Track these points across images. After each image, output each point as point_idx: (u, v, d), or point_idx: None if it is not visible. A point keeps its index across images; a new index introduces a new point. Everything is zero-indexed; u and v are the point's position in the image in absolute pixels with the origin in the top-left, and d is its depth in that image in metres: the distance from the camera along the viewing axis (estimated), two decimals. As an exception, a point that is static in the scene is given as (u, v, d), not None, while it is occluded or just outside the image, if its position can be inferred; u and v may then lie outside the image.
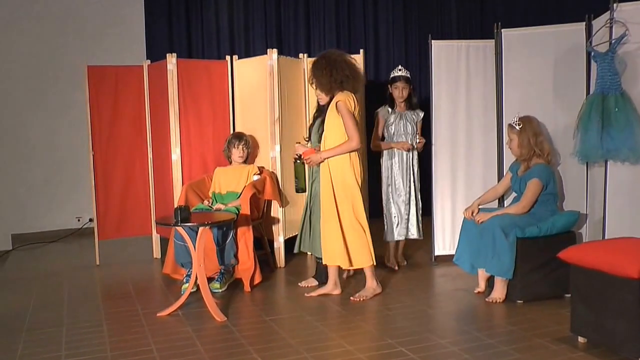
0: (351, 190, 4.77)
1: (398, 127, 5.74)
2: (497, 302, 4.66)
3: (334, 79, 4.73)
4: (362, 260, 4.82)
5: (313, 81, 4.89)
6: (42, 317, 4.63)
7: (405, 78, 5.71)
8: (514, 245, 4.58)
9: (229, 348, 3.89)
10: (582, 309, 3.71)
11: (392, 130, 5.76)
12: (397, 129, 5.74)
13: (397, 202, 5.74)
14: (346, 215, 4.77)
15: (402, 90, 5.69)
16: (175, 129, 6.07)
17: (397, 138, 5.74)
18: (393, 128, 5.75)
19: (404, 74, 5.73)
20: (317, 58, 4.91)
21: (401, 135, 5.73)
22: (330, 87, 4.78)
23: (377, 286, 4.93)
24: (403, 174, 5.72)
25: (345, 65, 4.77)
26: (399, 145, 5.69)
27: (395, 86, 5.70)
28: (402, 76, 5.71)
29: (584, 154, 4.79)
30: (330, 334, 4.12)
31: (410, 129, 5.74)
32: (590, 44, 4.93)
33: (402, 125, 5.74)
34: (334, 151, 4.79)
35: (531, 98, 5.40)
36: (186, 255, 5.13)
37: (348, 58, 4.85)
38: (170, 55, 6.07)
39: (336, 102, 4.74)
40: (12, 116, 7.68)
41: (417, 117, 5.79)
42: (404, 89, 5.69)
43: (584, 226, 5.14)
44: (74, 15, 7.83)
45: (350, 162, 4.77)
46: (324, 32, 8.40)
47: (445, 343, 3.87)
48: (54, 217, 7.84)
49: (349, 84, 4.77)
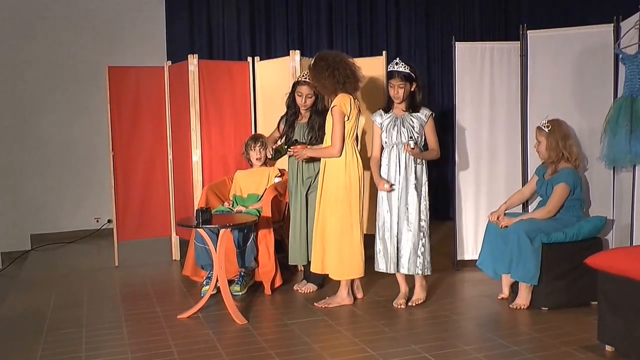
0: (348, 197, 4.69)
1: (390, 134, 4.71)
2: (522, 308, 4.59)
3: (337, 80, 4.64)
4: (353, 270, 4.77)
5: (314, 84, 4.83)
6: (62, 318, 4.62)
7: (404, 75, 4.63)
8: (539, 251, 4.50)
9: (250, 351, 3.85)
10: (610, 316, 3.63)
11: (384, 138, 4.77)
12: (389, 136, 4.72)
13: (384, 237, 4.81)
14: (342, 221, 4.72)
15: (397, 88, 4.65)
16: (196, 130, 6.05)
17: (388, 149, 4.73)
18: (385, 136, 4.75)
19: (400, 68, 4.64)
20: (315, 60, 4.78)
21: (394, 145, 4.72)
22: (335, 89, 4.69)
23: (347, 297, 4.83)
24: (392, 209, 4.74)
25: (345, 65, 4.69)
26: (379, 185, 4.72)
27: (391, 84, 4.70)
28: (398, 72, 4.65)
29: (611, 159, 4.71)
30: (354, 338, 4.07)
31: (406, 138, 4.68)
32: (619, 46, 4.86)
33: (395, 132, 4.70)
34: (316, 153, 4.85)
35: (557, 101, 5.32)
36: (207, 258, 5.11)
37: (346, 58, 4.76)
38: (191, 56, 6.06)
39: (332, 107, 4.68)
40: (32, 117, 7.71)
41: (420, 120, 4.71)
42: (400, 87, 4.65)
43: (611, 232, 5.05)
44: (94, 16, 7.86)
45: (346, 172, 4.69)
46: (346, 33, 8.36)
47: (470, 350, 3.81)
48: (73, 218, 7.86)
49: (350, 84, 4.70)
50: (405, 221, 4.67)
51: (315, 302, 4.80)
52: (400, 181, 4.68)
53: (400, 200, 4.68)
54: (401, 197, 4.68)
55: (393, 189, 4.69)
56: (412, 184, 4.66)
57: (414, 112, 4.71)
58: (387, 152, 4.74)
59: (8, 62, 7.58)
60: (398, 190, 4.68)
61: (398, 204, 4.69)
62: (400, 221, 4.69)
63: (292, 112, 5.23)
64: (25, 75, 7.65)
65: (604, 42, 5.13)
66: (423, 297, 4.78)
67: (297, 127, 5.20)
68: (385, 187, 4.68)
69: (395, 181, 4.69)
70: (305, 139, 5.11)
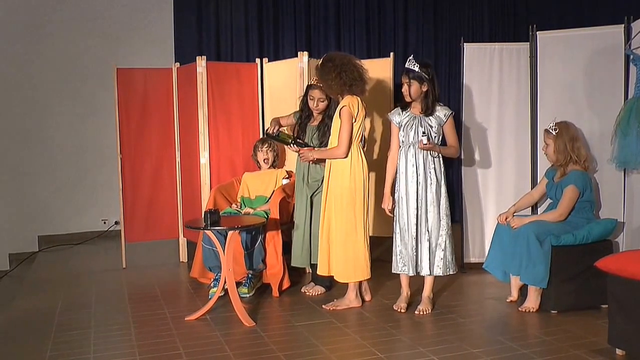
0: (353, 200, 4.68)
1: (408, 134, 4.65)
2: (531, 311, 4.56)
3: (344, 82, 4.61)
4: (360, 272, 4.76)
5: (321, 85, 4.83)
6: (70, 319, 4.62)
7: (413, 73, 4.54)
8: (549, 254, 4.47)
9: (258, 354, 3.83)
10: (621, 320, 3.59)
11: (401, 137, 4.71)
12: (407, 136, 4.66)
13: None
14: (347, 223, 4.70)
15: (405, 85, 4.60)
16: (204, 132, 6.05)
17: (405, 149, 4.67)
18: (403, 135, 4.69)
19: (411, 66, 4.56)
20: (322, 61, 4.75)
21: (410, 145, 4.65)
22: (342, 90, 4.66)
23: (355, 299, 4.81)
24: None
25: (353, 67, 4.65)
26: (385, 199, 4.75)
27: (402, 80, 4.66)
28: (407, 69, 4.58)
29: (622, 160, 4.69)
30: (362, 341, 4.05)
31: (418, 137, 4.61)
32: (630, 46, 4.83)
33: (413, 132, 4.63)
34: (322, 154, 4.83)
35: (567, 102, 5.29)
36: (214, 259, 5.10)
37: (354, 59, 4.73)
38: (200, 57, 6.06)
39: (341, 107, 4.65)
40: (39, 118, 7.73)
41: (439, 120, 4.64)
42: (407, 84, 4.58)
43: (621, 234, 5.02)
44: (102, 17, 7.86)
45: (351, 174, 4.68)
46: (354, 34, 8.33)
47: (478, 353, 3.78)
48: (80, 219, 7.86)
49: (357, 86, 4.66)
50: (425, 222, 4.61)
51: (324, 305, 4.79)
52: (420, 182, 4.62)
53: (419, 202, 4.62)
54: (421, 198, 4.62)
55: (391, 215, 4.74)
56: (431, 185, 4.61)
57: (426, 115, 4.62)
58: (404, 151, 4.67)
59: (16, 63, 7.59)
60: (417, 191, 4.62)
61: (417, 205, 4.62)
62: (420, 222, 4.63)
63: (305, 114, 5.23)
64: (34, 76, 7.67)
65: (615, 42, 5.10)
66: (429, 309, 4.66)
67: (308, 129, 5.20)
68: (387, 207, 4.71)
69: (412, 182, 4.62)
70: (313, 143, 5.10)
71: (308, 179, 5.14)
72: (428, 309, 4.63)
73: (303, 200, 5.17)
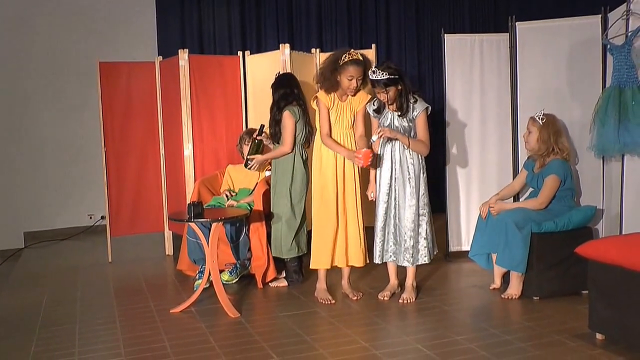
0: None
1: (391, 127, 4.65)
2: (513, 298, 4.61)
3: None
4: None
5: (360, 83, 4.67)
6: (55, 314, 4.63)
7: (386, 81, 4.45)
8: (528, 239, 4.51)
9: (243, 344, 3.86)
10: (601, 305, 3.65)
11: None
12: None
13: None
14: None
15: (382, 95, 4.55)
16: (188, 124, 6.06)
17: (382, 144, 4.66)
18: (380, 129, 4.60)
19: (378, 77, 4.45)
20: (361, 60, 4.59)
21: (387, 140, 4.66)
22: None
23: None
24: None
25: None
26: (369, 189, 4.84)
27: (376, 92, 4.61)
28: (377, 80, 4.48)
29: (600, 148, 4.75)
30: (346, 330, 4.09)
31: (400, 133, 4.61)
32: (607, 36, 4.88)
33: (389, 126, 4.64)
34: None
35: (546, 92, 5.35)
36: (199, 252, 5.12)
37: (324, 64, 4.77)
38: (182, 51, 6.07)
39: (366, 100, 4.70)
40: (24, 113, 7.69)
41: (411, 115, 4.62)
42: (384, 93, 4.53)
43: (600, 221, 5.09)
44: (85, 12, 7.83)
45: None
46: (335, 27, 8.35)
47: (462, 340, 3.83)
48: (66, 215, 7.85)
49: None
50: (404, 213, 4.62)
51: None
52: (396, 177, 4.65)
53: (397, 192, 4.65)
54: (398, 190, 4.65)
55: (372, 199, 4.79)
56: (407, 178, 4.61)
57: (402, 114, 4.61)
58: (382, 147, 4.69)
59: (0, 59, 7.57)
60: (395, 183, 4.66)
61: (396, 196, 4.66)
62: (398, 214, 4.66)
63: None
64: (17, 72, 7.62)
65: (592, 33, 5.16)
66: (413, 297, 4.68)
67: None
68: (369, 194, 4.80)
69: (391, 175, 4.65)
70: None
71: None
72: (412, 297, 4.67)
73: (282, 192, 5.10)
